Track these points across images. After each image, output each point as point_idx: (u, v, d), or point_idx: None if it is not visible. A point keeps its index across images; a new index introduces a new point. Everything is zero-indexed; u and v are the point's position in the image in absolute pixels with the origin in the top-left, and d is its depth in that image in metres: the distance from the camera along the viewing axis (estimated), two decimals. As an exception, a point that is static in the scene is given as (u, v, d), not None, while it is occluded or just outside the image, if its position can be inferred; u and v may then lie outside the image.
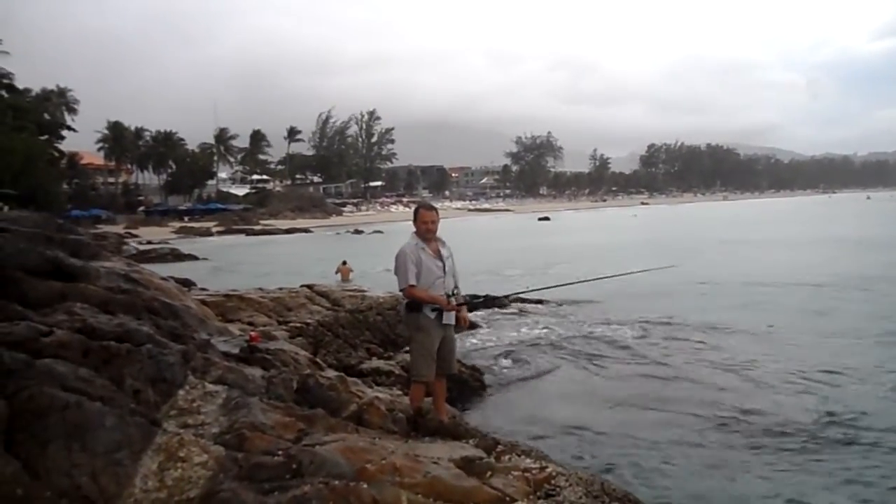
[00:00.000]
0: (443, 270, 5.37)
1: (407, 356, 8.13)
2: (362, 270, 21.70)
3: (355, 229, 57.55)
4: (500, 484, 3.90)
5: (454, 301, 5.38)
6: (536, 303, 16.05)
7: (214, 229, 62.53)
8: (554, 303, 16.18)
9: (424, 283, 5.28)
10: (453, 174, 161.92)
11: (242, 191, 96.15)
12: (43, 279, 5.09)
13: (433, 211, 5.53)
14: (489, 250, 32.58)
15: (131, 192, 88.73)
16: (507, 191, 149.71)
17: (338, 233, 56.89)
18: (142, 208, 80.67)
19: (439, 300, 5.28)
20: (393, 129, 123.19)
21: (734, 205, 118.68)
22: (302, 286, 11.71)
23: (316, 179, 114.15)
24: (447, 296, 5.33)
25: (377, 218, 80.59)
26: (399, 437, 4.75)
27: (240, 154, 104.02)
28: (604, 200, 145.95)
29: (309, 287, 11.60)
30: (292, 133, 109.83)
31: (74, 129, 71.87)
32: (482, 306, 14.51)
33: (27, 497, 2.91)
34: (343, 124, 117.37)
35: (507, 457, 4.49)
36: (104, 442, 3.25)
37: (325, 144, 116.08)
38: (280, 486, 3.35)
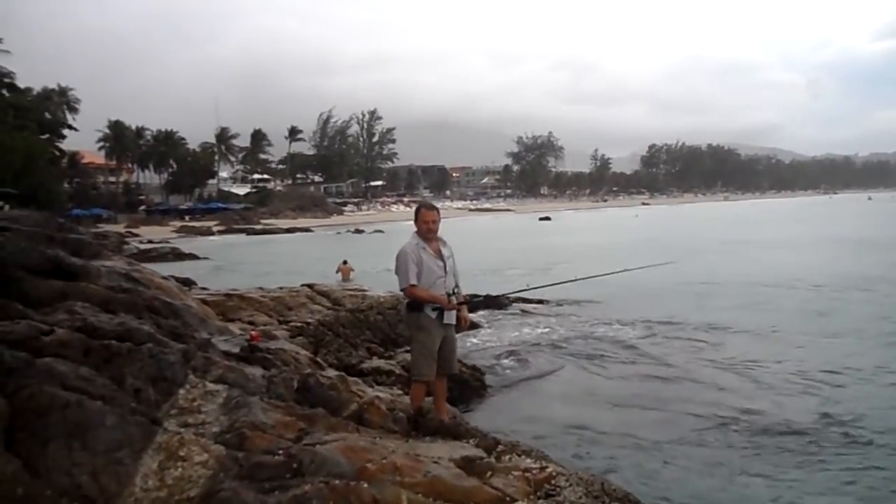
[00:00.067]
0: (444, 270, 5.36)
1: (407, 356, 8.14)
2: (363, 270, 21.70)
3: (356, 229, 57.55)
4: (501, 484, 3.90)
5: (454, 300, 5.37)
6: (537, 303, 16.07)
7: (215, 228, 62.61)
8: (555, 303, 16.20)
9: (425, 283, 5.27)
10: (454, 174, 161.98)
11: (243, 190, 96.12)
12: (44, 278, 5.10)
13: (434, 211, 5.52)
14: (490, 250, 32.59)
15: (132, 192, 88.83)
16: (508, 191, 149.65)
17: (338, 232, 56.89)
18: (143, 207, 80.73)
19: (440, 299, 5.28)
20: (394, 129, 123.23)
21: (735, 205, 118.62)
22: (303, 285, 11.72)
23: (317, 179, 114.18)
24: (447, 295, 5.33)
25: (378, 217, 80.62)
26: (400, 437, 4.75)
27: (241, 153, 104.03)
28: (605, 201, 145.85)
29: (310, 286, 11.61)
30: (293, 132, 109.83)
31: (75, 129, 71.75)
32: (482, 306, 14.52)
33: (28, 496, 2.91)
34: (344, 124, 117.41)
35: (508, 457, 4.49)
36: (105, 441, 3.25)
37: (326, 144, 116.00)
38: (280, 486, 3.35)
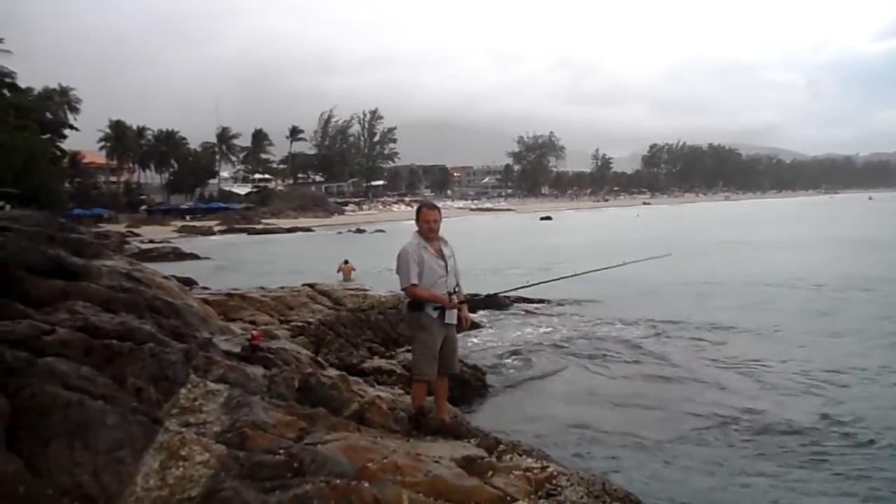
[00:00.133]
0: (445, 270, 5.36)
1: (408, 355, 8.14)
2: (364, 269, 21.70)
3: (357, 228, 57.55)
4: (502, 483, 3.89)
5: (455, 299, 5.37)
6: (539, 302, 16.08)
7: (216, 228, 62.62)
8: (556, 302, 16.21)
9: (427, 283, 5.27)
10: (455, 174, 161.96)
11: (244, 190, 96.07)
12: (45, 278, 5.10)
13: (436, 210, 5.52)
14: (491, 250, 32.58)
15: (133, 191, 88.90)
16: (509, 190, 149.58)
17: (339, 232, 56.89)
18: (144, 207, 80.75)
19: (441, 298, 5.28)
20: (395, 129, 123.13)
21: (736, 205, 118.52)
22: (304, 285, 11.72)
23: (318, 178, 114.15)
24: (448, 294, 5.33)
25: (379, 217, 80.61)
26: (400, 437, 4.75)
27: (242, 153, 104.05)
28: (606, 200, 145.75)
29: (311, 286, 11.61)
30: (294, 132, 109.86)
31: (76, 128, 71.82)
32: (483, 305, 14.52)
33: (29, 495, 2.92)
34: (345, 123, 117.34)
35: (509, 456, 4.48)
36: (106, 440, 3.25)
37: (327, 144, 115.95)
38: (281, 485, 3.35)
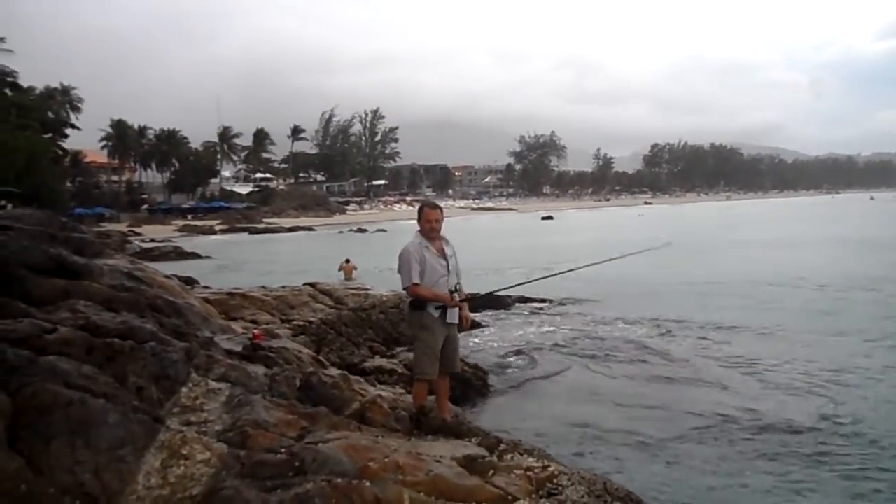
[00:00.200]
0: (447, 269, 5.37)
1: (409, 354, 8.14)
2: (365, 269, 21.70)
3: (358, 228, 57.55)
4: (503, 482, 3.89)
5: (457, 297, 5.38)
6: (540, 301, 16.08)
7: (217, 227, 62.71)
8: (558, 302, 16.21)
9: (428, 282, 5.28)
10: (457, 173, 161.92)
11: (246, 189, 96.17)
12: (47, 277, 5.11)
13: (437, 210, 5.53)
14: (492, 249, 32.58)
15: (135, 191, 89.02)
16: (511, 190, 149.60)
17: (341, 231, 56.90)
18: (145, 206, 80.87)
19: (443, 297, 5.28)
20: (397, 129, 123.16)
21: (738, 205, 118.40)
22: (305, 284, 11.73)
23: (319, 178, 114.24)
24: (449, 292, 5.33)
25: (380, 216, 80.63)
26: (402, 436, 4.75)
27: (243, 152, 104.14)
28: (607, 200, 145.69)
29: (312, 285, 11.61)
30: (296, 131, 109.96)
31: (78, 128, 72.03)
32: (484, 304, 14.50)
33: (31, 493, 2.92)
34: (346, 123, 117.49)
35: (510, 455, 4.48)
36: (107, 439, 3.25)
37: (329, 143, 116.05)
38: (283, 484, 3.35)
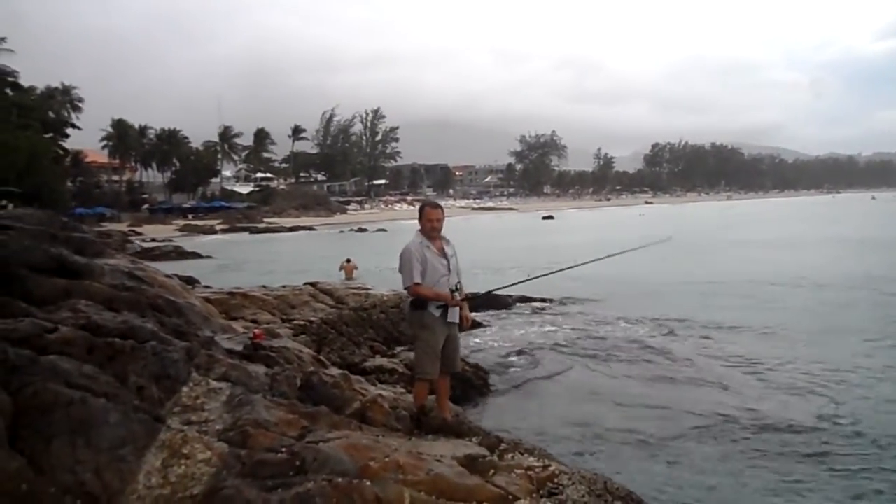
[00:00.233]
0: (447, 269, 5.37)
1: (409, 354, 8.14)
2: (366, 268, 21.70)
3: (359, 227, 57.56)
4: (503, 482, 3.89)
5: (458, 296, 5.38)
6: (541, 301, 16.08)
7: (218, 227, 62.73)
8: (558, 301, 16.22)
9: (429, 282, 5.28)
10: (457, 173, 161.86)
11: (246, 189, 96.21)
12: (47, 276, 5.11)
13: (439, 209, 5.53)
14: (493, 249, 32.56)
15: (135, 190, 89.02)
16: (511, 189, 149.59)
17: (342, 231, 56.91)
18: (146, 206, 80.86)
19: (444, 296, 5.29)
20: (397, 128, 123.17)
21: (738, 204, 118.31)
22: (306, 284, 11.74)
23: (320, 177, 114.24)
24: (450, 291, 5.34)
25: (381, 216, 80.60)
26: (402, 435, 4.75)
27: (244, 152, 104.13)
28: (608, 199, 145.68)
29: (312, 285, 11.62)
30: (296, 131, 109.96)
31: (79, 127, 71.99)
32: (484, 304, 14.50)
33: (32, 492, 2.92)
34: (347, 122, 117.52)
35: (511, 455, 4.48)
36: (108, 438, 3.26)
37: (329, 142, 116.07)
38: (283, 484, 3.35)
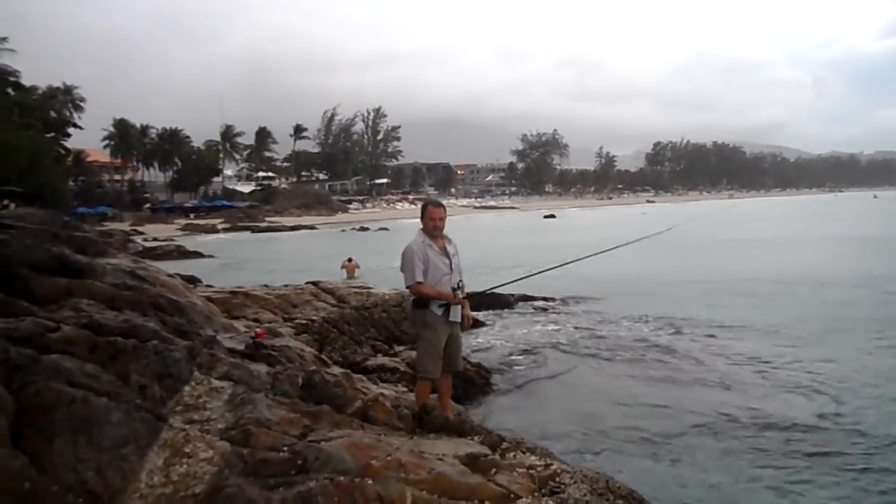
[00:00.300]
0: (449, 268, 5.38)
1: (411, 353, 8.15)
2: (368, 267, 21.70)
3: (361, 226, 57.58)
4: (505, 481, 3.89)
5: (459, 294, 5.38)
6: (543, 300, 16.09)
7: (220, 226, 62.76)
8: (560, 300, 16.23)
9: (431, 280, 5.29)
10: (459, 171, 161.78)
11: (248, 188, 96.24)
12: (49, 276, 5.11)
13: (441, 208, 5.54)
14: (494, 248, 32.54)
15: (137, 190, 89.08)
16: (513, 188, 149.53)
17: (343, 230, 56.91)
18: (148, 205, 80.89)
19: (446, 294, 5.29)
20: (399, 127, 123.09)
21: (740, 203, 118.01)
22: (307, 283, 11.74)
23: (321, 176, 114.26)
24: (452, 290, 5.34)
25: (383, 215, 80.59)
26: (404, 434, 4.75)
27: (245, 151, 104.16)
28: (609, 198, 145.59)
29: (314, 284, 11.62)
30: (298, 130, 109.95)
31: (80, 127, 72.00)
32: (485, 303, 14.51)
33: (34, 491, 2.92)
34: (348, 121, 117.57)
35: (512, 454, 4.48)
36: (110, 437, 3.26)
37: (331, 141, 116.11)
38: (285, 482, 3.35)
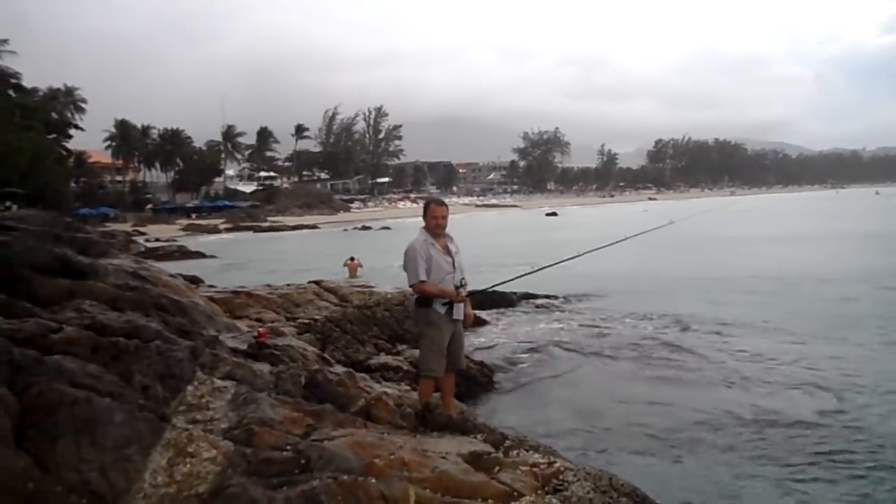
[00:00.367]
0: (452, 266, 5.38)
1: (414, 351, 8.14)
2: (370, 266, 21.69)
3: (363, 225, 57.63)
4: (509, 479, 3.89)
5: (462, 292, 5.38)
6: (546, 298, 16.08)
7: (222, 226, 62.83)
8: (563, 298, 16.22)
9: (434, 279, 5.28)
10: (461, 170, 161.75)
11: (250, 188, 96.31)
12: (52, 277, 5.13)
13: (444, 206, 5.54)
14: (496, 246, 32.53)
15: (139, 190, 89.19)
16: (515, 186, 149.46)
17: (345, 229, 56.92)
18: (149, 206, 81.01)
19: (449, 293, 5.29)
20: (400, 126, 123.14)
21: (742, 200, 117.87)
22: (310, 282, 11.75)
23: (323, 176, 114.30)
24: (455, 288, 5.34)
25: (385, 214, 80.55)
26: (407, 433, 4.75)
27: (247, 151, 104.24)
28: (611, 196, 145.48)
29: (317, 283, 11.63)
30: (299, 130, 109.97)
31: (82, 128, 72.08)
32: (488, 302, 14.50)
33: (38, 491, 2.93)
34: (350, 120, 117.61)
35: (516, 452, 4.48)
36: (113, 437, 3.27)
37: (333, 141, 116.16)
38: (289, 481, 3.36)
